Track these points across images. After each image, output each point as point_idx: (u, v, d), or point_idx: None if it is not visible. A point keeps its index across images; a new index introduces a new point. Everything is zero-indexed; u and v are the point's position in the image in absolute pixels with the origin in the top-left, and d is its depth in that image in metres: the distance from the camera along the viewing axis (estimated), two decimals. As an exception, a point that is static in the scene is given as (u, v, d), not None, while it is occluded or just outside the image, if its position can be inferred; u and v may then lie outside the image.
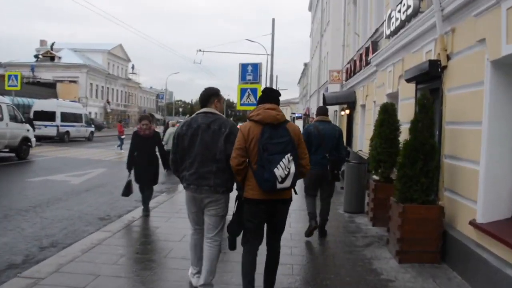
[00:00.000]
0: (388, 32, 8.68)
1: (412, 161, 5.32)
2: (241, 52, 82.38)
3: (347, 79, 17.02)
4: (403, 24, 7.63)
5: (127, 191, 7.76)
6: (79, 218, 7.90)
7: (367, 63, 12.27)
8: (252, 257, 4.02)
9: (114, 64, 69.05)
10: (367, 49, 12.21)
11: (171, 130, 17.22)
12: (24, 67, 56.52)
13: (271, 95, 4.12)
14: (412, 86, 7.23)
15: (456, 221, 5.24)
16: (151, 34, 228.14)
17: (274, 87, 27.85)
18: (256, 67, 16.52)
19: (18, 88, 25.79)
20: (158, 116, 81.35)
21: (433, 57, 6.21)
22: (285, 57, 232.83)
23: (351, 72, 15.77)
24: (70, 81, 55.36)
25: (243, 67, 16.42)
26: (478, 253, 4.51)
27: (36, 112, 28.06)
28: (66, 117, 29.12)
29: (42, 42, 64.47)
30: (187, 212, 4.41)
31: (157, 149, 7.87)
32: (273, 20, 32.31)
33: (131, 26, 66.61)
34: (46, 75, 55.40)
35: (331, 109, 21.28)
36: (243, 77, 16.41)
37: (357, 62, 13.90)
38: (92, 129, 33.34)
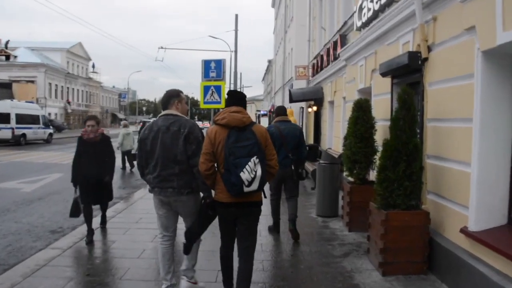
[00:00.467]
0: (359, 24, 8.21)
1: (393, 162, 4.82)
2: (204, 49, 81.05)
3: (313, 75, 16.59)
4: (376, 14, 7.16)
5: (75, 211, 6.42)
6: (28, 232, 7.12)
7: (335, 58, 11.83)
8: (228, 261, 4.08)
9: (73, 63, 66.79)
10: (335, 43, 11.76)
11: (123, 131, 16.90)
12: (-24, 65, 54.11)
13: (236, 98, 4.07)
14: (387, 80, 6.77)
15: (443, 228, 4.78)
16: (113, 33, 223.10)
17: (238, 84, 27.39)
18: (219, 63, 15.90)
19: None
20: (121, 115, 79.53)
21: (411, 48, 5.74)
22: (249, 55, 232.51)
23: (318, 67, 15.33)
24: (28, 81, 53.14)
25: (206, 63, 15.78)
26: (471, 264, 4.04)
27: (-10, 113, 26.60)
28: (22, 118, 27.65)
29: (-4, 40, 61.75)
30: (156, 216, 4.33)
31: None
32: (236, 16, 31.73)
33: (91, 24, 65.41)
34: (1, 75, 53.08)
35: (297, 106, 20.90)
36: (206, 74, 15.78)
37: (324, 57, 13.46)
38: (51, 130, 31.83)
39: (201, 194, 4.15)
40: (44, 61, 57.37)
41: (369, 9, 7.46)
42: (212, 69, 15.54)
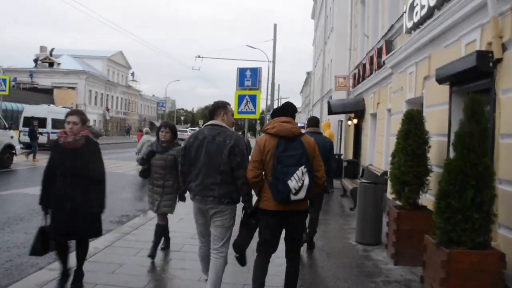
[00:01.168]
0: (409, 25, 7.23)
1: (459, 188, 3.82)
2: (241, 59, 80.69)
3: (354, 86, 15.57)
4: (431, 12, 6.18)
5: (40, 245, 4.53)
6: (34, 246, 6.43)
7: (379, 66, 10.83)
8: (264, 264, 4.15)
9: (114, 71, 67.86)
10: (379, 50, 10.77)
11: (145, 138, 16.06)
12: (23, 72, 55.59)
13: (287, 109, 4.25)
14: (444, 89, 5.77)
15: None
16: (153, 43, 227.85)
17: (275, 95, 26.59)
18: (255, 72, 15.13)
19: (7, 92, 24.42)
20: (158, 124, 79.55)
21: (477, 49, 4.74)
22: (287, 67, 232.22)
23: (359, 77, 14.32)
24: (69, 88, 54.16)
25: (241, 72, 15.05)
26: None
27: (26, 118, 26.80)
28: (58, 123, 27.70)
29: (42, 48, 63.30)
30: (195, 224, 4.40)
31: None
32: (275, 25, 31.09)
33: (132, 33, 66.37)
34: (45, 81, 54.42)
35: (335, 118, 19.87)
36: (241, 83, 15.05)
37: (367, 66, 12.45)
38: None
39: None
40: (85, 69, 58.41)
41: (422, 7, 6.48)
42: (248, 78, 14.79)
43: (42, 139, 26.66)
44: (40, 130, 26.57)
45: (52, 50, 60.15)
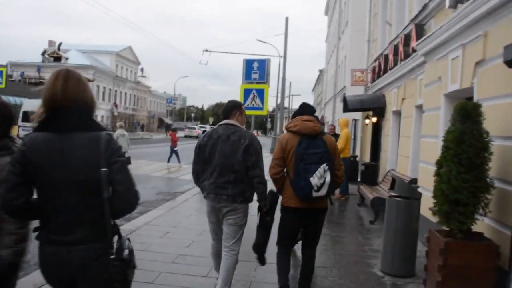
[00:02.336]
0: (454, -3, 5.69)
1: None
2: (250, 53, 79.21)
3: (373, 80, 14.01)
4: (491, -26, 4.65)
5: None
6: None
7: (406, 55, 9.28)
8: (286, 256, 4.37)
9: (122, 66, 66.78)
10: (407, 36, 9.22)
11: (119, 132, 15.52)
12: (31, 67, 54.68)
13: (308, 109, 4.38)
14: (510, 74, 4.23)
15: None
16: (163, 39, 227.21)
17: (286, 91, 25.13)
18: (263, 64, 13.64)
19: (3, 85, 23.14)
20: (168, 121, 78.60)
21: None
22: (297, 65, 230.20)
23: (379, 71, 12.75)
24: (75, 83, 53.07)
25: (248, 63, 13.59)
26: None
27: (25, 113, 25.49)
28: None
29: (51, 43, 62.35)
30: (208, 222, 4.41)
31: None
32: (287, 18, 29.66)
33: (143, 28, 65.04)
34: (51, 76, 53.45)
35: (349, 116, 18.33)
36: (247, 76, 13.60)
37: (390, 57, 10.87)
38: None
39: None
40: (93, 64, 57.36)
41: (477, -30, 4.94)
42: (255, 70, 13.31)
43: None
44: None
45: (60, 44, 59.17)
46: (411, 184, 7.97)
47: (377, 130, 13.34)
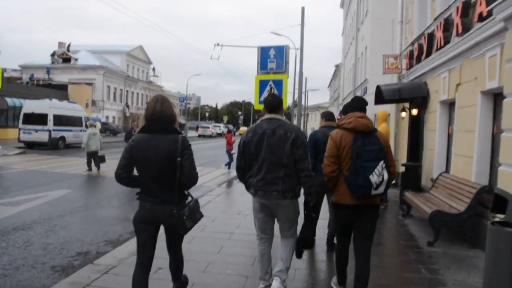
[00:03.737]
0: None
1: None
2: (264, 45, 77.21)
3: (410, 67, 12.00)
4: None
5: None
6: None
7: (466, 29, 7.30)
8: (344, 252, 4.31)
9: (134, 66, 65.44)
10: (466, 3, 7.25)
11: (89, 131, 15.30)
12: (40, 69, 53.58)
13: (360, 104, 4.26)
14: None
15: None
16: (175, 36, 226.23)
17: (303, 86, 23.26)
18: (281, 51, 11.64)
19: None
20: (182, 120, 77.09)
21: None
22: (311, 62, 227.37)
23: (419, 54, 10.75)
24: (87, 84, 51.78)
25: (263, 51, 11.62)
26: None
27: (26, 115, 24.11)
28: (60, 120, 24.85)
29: (61, 44, 61.11)
30: (253, 219, 4.36)
31: None
32: (303, 8, 27.56)
33: (155, 23, 63.18)
34: (62, 77, 52.51)
35: (372, 110, 16.39)
36: (263, 66, 11.66)
37: (438, 34, 8.86)
38: None
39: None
40: (103, 64, 56.05)
41: None
42: (271, 59, 11.37)
43: (43, 137, 23.99)
44: (40, 127, 23.92)
45: (69, 45, 57.98)
46: (481, 194, 6.06)
47: (417, 124, 11.31)
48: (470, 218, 6.35)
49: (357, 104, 4.23)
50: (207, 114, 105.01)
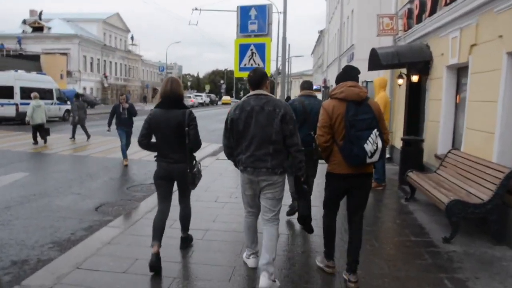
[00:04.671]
0: None
1: None
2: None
3: (408, 28, 10.70)
4: None
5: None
6: None
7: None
8: (333, 219, 4.32)
9: (111, 34, 62.89)
10: None
11: (33, 103, 15.19)
12: (11, 38, 50.89)
13: (352, 73, 4.24)
14: None
15: None
16: (154, 3, 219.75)
17: (286, 53, 21.76)
18: (263, 11, 10.22)
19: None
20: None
21: None
22: (295, 28, 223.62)
23: (420, 13, 9.45)
24: (61, 54, 49.36)
25: (243, 11, 10.17)
26: None
27: (-3, 88, 22.27)
28: (29, 93, 23.13)
29: (32, 12, 58.27)
30: (241, 195, 4.36)
31: None
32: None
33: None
34: (34, 48, 49.93)
35: (366, 76, 15.13)
36: (242, 28, 10.34)
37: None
38: (68, 107, 26.52)
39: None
40: (78, 33, 53.51)
41: None
42: (252, 20, 10.00)
43: (9, 111, 22.33)
44: (6, 101, 22.22)
45: (41, 13, 55.15)
46: (508, 180, 4.91)
47: (416, 93, 10.10)
48: (496, 208, 5.21)
49: (349, 74, 4.21)
50: (189, 84, 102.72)
